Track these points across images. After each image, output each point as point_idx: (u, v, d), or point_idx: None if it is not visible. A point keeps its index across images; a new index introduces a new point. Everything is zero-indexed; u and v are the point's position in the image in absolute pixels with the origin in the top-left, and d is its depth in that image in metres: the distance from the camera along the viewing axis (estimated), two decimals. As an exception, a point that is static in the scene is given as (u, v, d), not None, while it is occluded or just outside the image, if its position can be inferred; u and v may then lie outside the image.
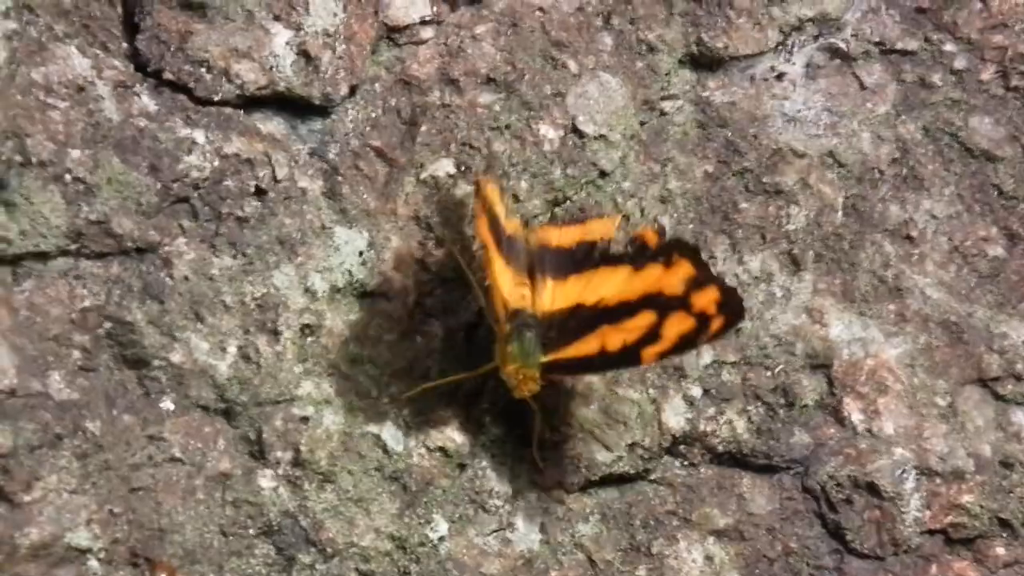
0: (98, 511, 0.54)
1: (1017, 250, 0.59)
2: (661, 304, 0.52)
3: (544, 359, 0.53)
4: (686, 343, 0.52)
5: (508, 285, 0.53)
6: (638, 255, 0.54)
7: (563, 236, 0.55)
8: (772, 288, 0.59)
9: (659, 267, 0.53)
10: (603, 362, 0.53)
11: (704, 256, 0.54)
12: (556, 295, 0.54)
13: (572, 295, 0.54)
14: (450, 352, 0.57)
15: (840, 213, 0.59)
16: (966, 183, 0.59)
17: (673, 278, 0.52)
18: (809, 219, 0.59)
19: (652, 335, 0.52)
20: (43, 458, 0.52)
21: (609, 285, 0.54)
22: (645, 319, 0.52)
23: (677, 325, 0.52)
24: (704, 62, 0.59)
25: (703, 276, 0.52)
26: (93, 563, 0.54)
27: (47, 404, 0.51)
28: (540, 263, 0.55)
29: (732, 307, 0.52)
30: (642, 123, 0.59)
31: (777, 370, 0.58)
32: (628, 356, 0.52)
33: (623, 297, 0.53)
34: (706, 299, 0.52)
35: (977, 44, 0.59)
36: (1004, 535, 0.58)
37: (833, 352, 0.58)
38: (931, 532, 0.58)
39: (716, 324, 0.51)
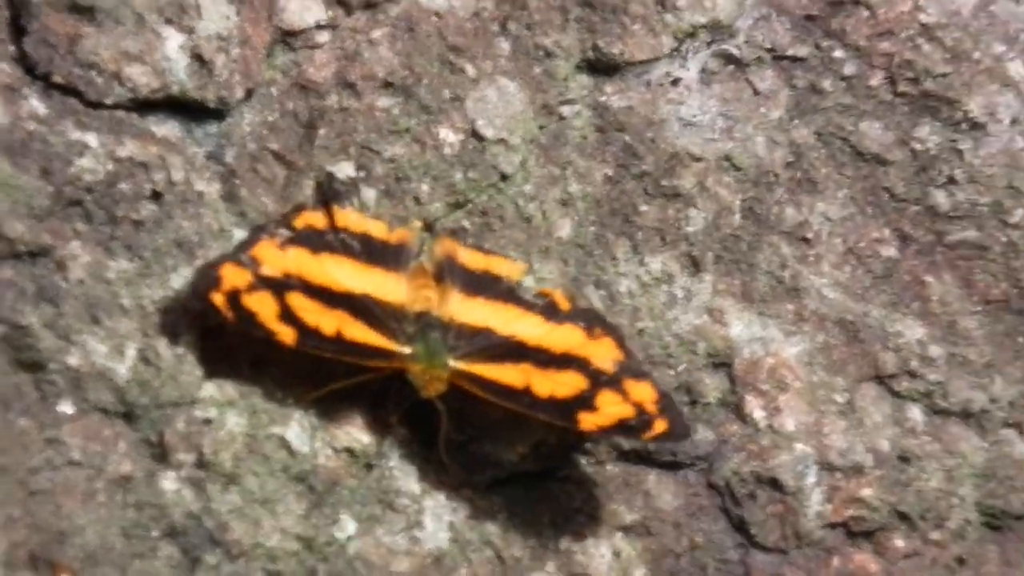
0: None
1: (909, 251, 0.57)
2: (590, 373, 0.52)
3: (455, 365, 0.52)
4: (627, 430, 0.52)
5: (400, 292, 0.52)
6: (549, 311, 0.53)
7: (470, 258, 0.54)
8: (673, 289, 0.56)
9: (579, 332, 0.52)
10: (530, 402, 0.52)
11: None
12: (464, 308, 0.53)
13: (481, 316, 0.53)
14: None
15: (738, 215, 0.57)
16: (858, 186, 0.57)
17: (600, 351, 0.52)
18: (708, 221, 0.57)
19: (585, 402, 0.51)
20: None
21: (522, 325, 0.52)
22: (574, 380, 0.52)
23: (614, 405, 0.51)
24: (601, 67, 0.57)
25: (634, 365, 0.52)
26: None
27: None
28: (447, 272, 0.53)
29: (675, 416, 0.51)
30: (541, 127, 0.56)
31: (680, 369, 0.56)
32: (560, 409, 0.52)
33: (543, 344, 0.52)
34: (643, 394, 0.51)
35: (865, 51, 0.57)
36: (903, 527, 0.56)
37: (734, 351, 0.56)
38: (832, 525, 0.56)
39: (659, 427, 0.51)
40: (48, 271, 0.50)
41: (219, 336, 0.52)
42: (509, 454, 0.54)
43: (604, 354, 0.52)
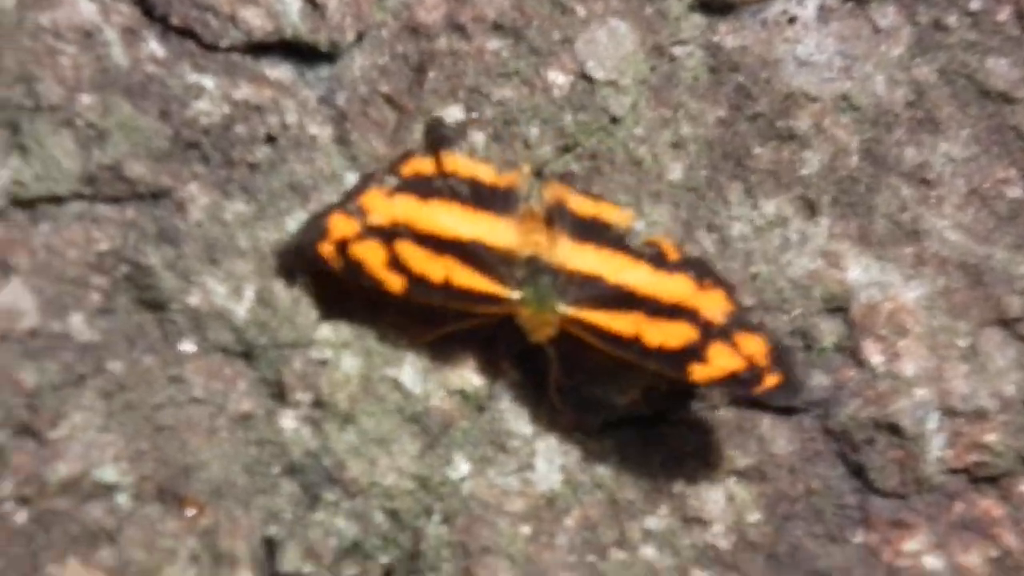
0: (124, 448, 0.51)
1: None
2: (700, 324, 0.51)
3: (565, 311, 0.51)
4: (738, 384, 0.51)
5: (509, 237, 0.51)
6: (658, 260, 0.52)
7: (580, 204, 0.53)
8: (788, 232, 0.55)
9: (689, 282, 0.51)
10: (640, 351, 0.51)
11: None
12: (574, 254, 0.52)
13: (591, 263, 0.52)
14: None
15: (855, 157, 0.55)
16: (983, 125, 0.55)
17: (710, 302, 0.51)
18: (824, 163, 0.55)
19: (695, 353, 0.50)
20: (67, 397, 0.49)
21: (631, 274, 0.51)
22: (685, 330, 0.51)
23: (725, 358, 0.50)
24: (715, 7, 0.55)
25: (744, 318, 0.51)
26: (122, 498, 0.51)
27: (69, 344, 0.49)
28: (557, 217, 0.52)
29: (789, 370, 0.50)
30: (652, 68, 0.55)
31: (794, 314, 0.55)
32: (671, 360, 0.51)
33: (653, 294, 0.51)
34: (754, 347, 0.50)
35: None
36: None
37: (851, 295, 0.55)
38: (954, 471, 0.54)
39: (771, 381, 0.50)
40: (168, 212, 0.49)
41: (334, 279, 0.50)
42: (620, 398, 0.54)
43: (714, 305, 0.51)
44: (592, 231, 0.52)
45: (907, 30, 0.55)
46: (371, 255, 0.50)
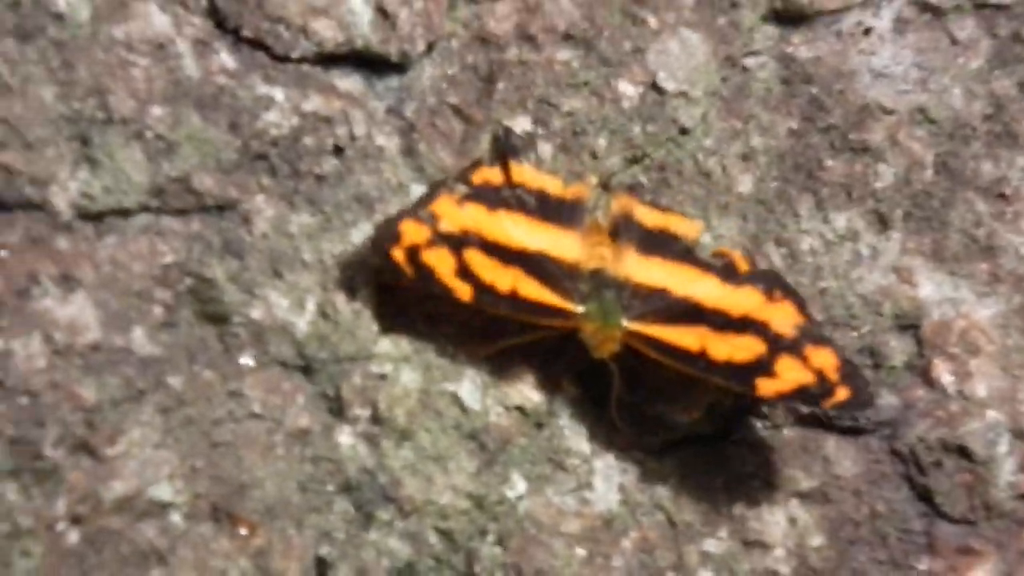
0: (180, 465, 0.56)
1: None
2: (769, 338, 0.54)
3: (629, 326, 0.55)
4: (807, 397, 0.54)
5: (574, 250, 0.56)
6: (727, 272, 0.56)
7: (647, 215, 0.57)
8: (859, 247, 0.59)
9: (758, 295, 0.55)
10: (705, 366, 0.55)
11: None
12: (640, 268, 0.56)
13: (658, 276, 0.56)
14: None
15: (930, 170, 0.59)
16: None
17: (779, 315, 0.55)
18: (898, 177, 0.59)
19: (763, 367, 0.54)
20: (127, 413, 0.53)
21: (699, 287, 0.55)
22: (753, 344, 0.54)
23: (794, 371, 0.54)
24: (788, 17, 0.60)
25: (815, 331, 0.55)
26: (175, 517, 0.56)
27: (130, 359, 0.53)
28: (623, 229, 0.56)
29: (859, 384, 0.54)
30: (724, 80, 0.59)
31: (864, 330, 0.59)
32: (738, 375, 0.55)
33: (720, 307, 0.55)
34: (824, 360, 0.54)
35: None
36: None
37: (922, 312, 0.59)
38: None
39: (841, 395, 0.54)
40: (234, 224, 0.53)
41: (395, 291, 0.54)
42: (682, 416, 0.58)
43: (784, 318, 0.54)
44: (659, 243, 0.56)
45: (986, 42, 0.59)
46: (441, 262, 0.54)
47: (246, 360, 0.56)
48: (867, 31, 0.59)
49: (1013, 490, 0.58)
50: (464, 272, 0.55)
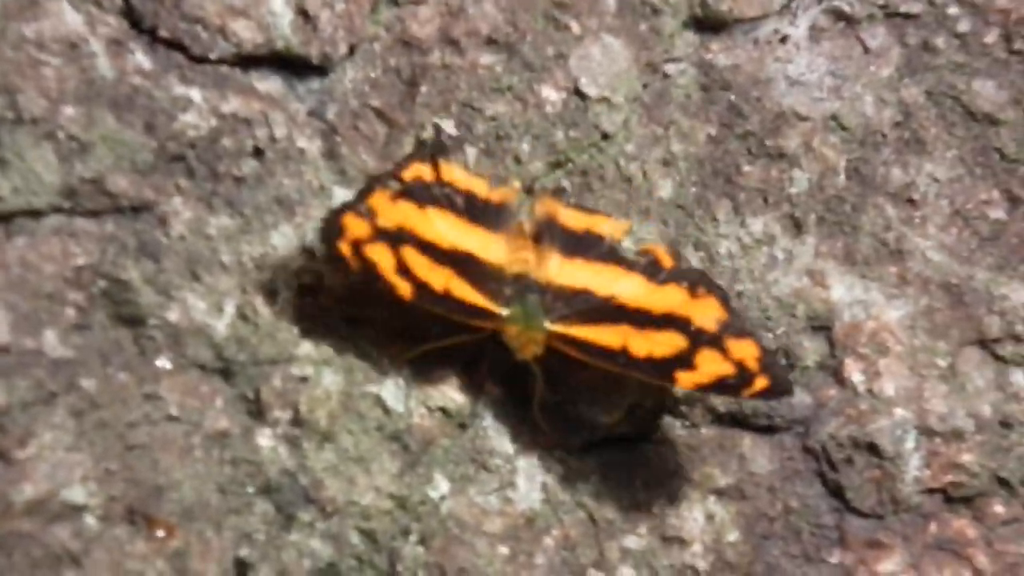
0: (94, 468, 0.52)
1: (1018, 213, 0.56)
2: (690, 333, 0.51)
3: (552, 328, 0.52)
4: (727, 388, 0.51)
5: (500, 253, 0.52)
6: (651, 270, 0.53)
7: (571, 218, 0.53)
8: (774, 251, 0.56)
9: (682, 292, 0.52)
10: (626, 362, 0.51)
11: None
12: (563, 270, 0.52)
13: (580, 277, 0.52)
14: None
15: (842, 176, 0.56)
16: (968, 146, 0.56)
17: (702, 310, 0.51)
18: (812, 182, 0.56)
19: (684, 360, 0.51)
20: (37, 415, 0.51)
21: (622, 285, 0.52)
22: (674, 339, 0.51)
23: (714, 364, 0.51)
24: (708, 24, 0.56)
25: (737, 324, 0.52)
26: (89, 520, 0.52)
27: (41, 361, 0.49)
28: (547, 233, 0.53)
29: (778, 372, 0.51)
30: (645, 86, 0.56)
31: (779, 332, 0.56)
32: (658, 369, 0.51)
33: (643, 306, 0.52)
34: (745, 351, 0.51)
35: (981, 7, 0.56)
36: (1003, 493, 0.56)
37: (834, 314, 0.56)
38: (931, 491, 0.56)
39: (760, 384, 0.51)
40: (149, 226, 0.51)
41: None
42: (603, 416, 0.54)
43: (706, 313, 0.51)
44: (583, 244, 0.52)
45: (896, 51, 0.56)
46: (382, 258, 0.50)
47: (163, 363, 0.52)
48: (783, 39, 0.56)
49: (919, 485, 0.55)
50: (402, 269, 0.51)
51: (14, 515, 0.50)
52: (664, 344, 0.51)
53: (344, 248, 0.50)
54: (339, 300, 0.53)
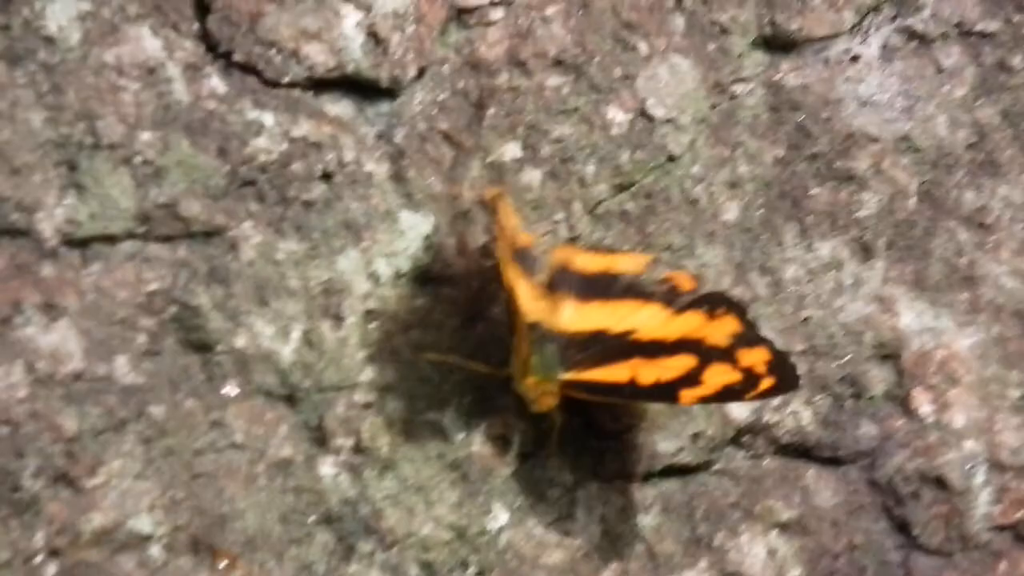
0: (161, 497, 0.57)
1: None
2: (702, 352, 0.55)
3: (567, 376, 0.56)
4: (730, 394, 0.55)
5: (527, 298, 0.56)
6: (670, 297, 0.57)
7: (588, 261, 0.58)
8: (842, 276, 0.61)
9: (700, 316, 0.56)
10: (633, 392, 0.56)
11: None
12: (578, 315, 0.57)
13: (595, 319, 0.57)
14: (512, 339, 0.58)
15: (913, 199, 0.61)
16: None
17: (717, 330, 0.56)
18: (882, 205, 0.61)
19: (691, 379, 0.55)
20: (107, 443, 0.55)
21: (638, 319, 0.57)
22: (683, 362, 0.55)
23: (720, 375, 0.55)
24: (777, 44, 0.61)
25: (751, 335, 0.56)
26: (155, 550, 0.57)
27: (112, 388, 0.53)
28: (561, 281, 0.58)
29: (785, 372, 0.55)
30: (713, 106, 0.61)
31: (845, 360, 0.60)
32: (662, 392, 0.55)
33: (658, 336, 0.56)
34: (754, 357, 0.55)
35: None
36: None
37: (903, 342, 0.60)
38: (1001, 528, 0.60)
39: (766, 383, 0.54)
40: (220, 251, 0.54)
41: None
42: (664, 446, 0.59)
43: (720, 332, 0.55)
44: (599, 286, 0.57)
45: (971, 70, 0.61)
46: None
47: (229, 389, 0.57)
48: (854, 59, 0.61)
49: (989, 521, 0.60)
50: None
51: (82, 545, 0.55)
52: (673, 368, 0.55)
53: None
54: (403, 326, 0.58)
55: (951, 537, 0.60)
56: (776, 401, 0.60)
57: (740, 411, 0.60)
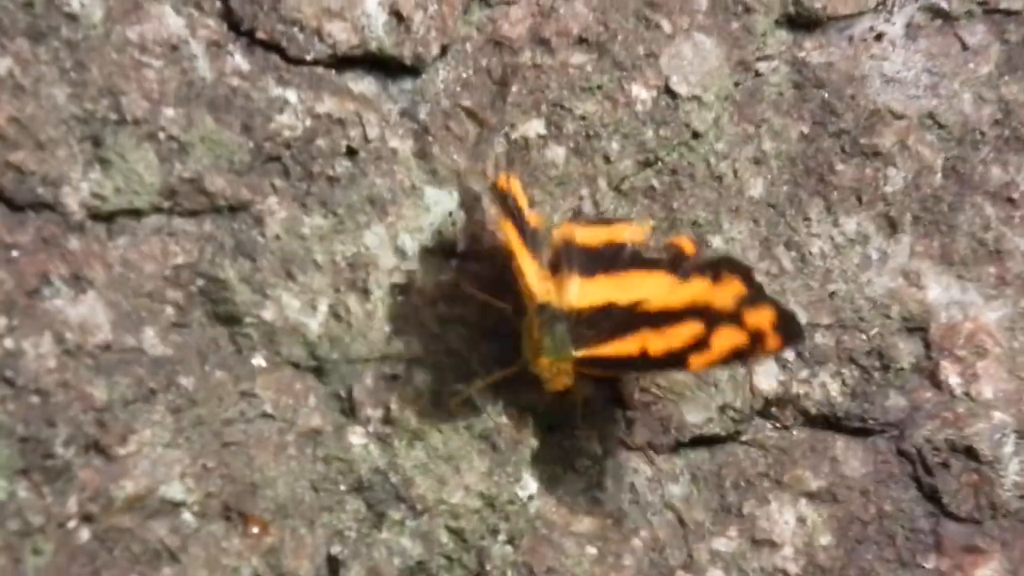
0: (191, 465, 0.54)
1: None
2: (709, 316, 0.52)
3: (579, 354, 0.53)
4: (738, 356, 0.51)
5: (535, 279, 0.53)
6: (675, 263, 0.54)
7: (589, 235, 0.54)
8: (868, 250, 0.58)
9: (706, 281, 0.53)
10: (644, 363, 0.52)
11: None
12: (584, 292, 0.53)
13: (602, 293, 0.53)
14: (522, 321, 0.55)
15: (939, 175, 0.58)
16: None
17: (723, 293, 0.52)
18: (907, 181, 0.58)
19: (699, 344, 0.51)
20: (137, 412, 0.52)
21: (645, 289, 0.53)
22: (691, 328, 0.52)
23: (728, 338, 0.51)
24: (801, 22, 0.58)
25: (757, 295, 0.52)
26: (187, 516, 0.54)
27: (141, 359, 0.52)
28: (565, 258, 0.54)
29: (791, 327, 0.51)
30: (736, 84, 0.58)
31: (872, 333, 0.57)
32: (673, 360, 0.52)
33: (665, 305, 0.53)
34: (760, 317, 0.51)
35: None
36: None
37: (930, 315, 0.57)
38: None
39: (773, 342, 0.51)
40: (246, 226, 0.52)
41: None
42: (693, 416, 0.57)
43: (726, 295, 0.52)
44: (603, 259, 0.53)
45: (996, 48, 0.58)
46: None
47: (258, 361, 0.55)
48: (879, 36, 0.58)
49: (1018, 490, 0.57)
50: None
51: (114, 511, 0.53)
52: (681, 335, 0.52)
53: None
54: (429, 299, 0.56)
55: (981, 505, 0.57)
56: (803, 373, 0.57)
57: (768, 382, 0.57)
